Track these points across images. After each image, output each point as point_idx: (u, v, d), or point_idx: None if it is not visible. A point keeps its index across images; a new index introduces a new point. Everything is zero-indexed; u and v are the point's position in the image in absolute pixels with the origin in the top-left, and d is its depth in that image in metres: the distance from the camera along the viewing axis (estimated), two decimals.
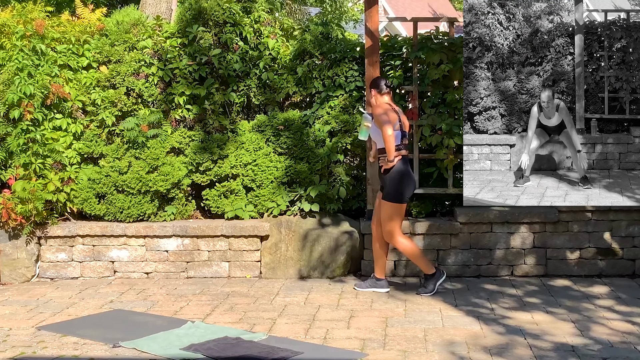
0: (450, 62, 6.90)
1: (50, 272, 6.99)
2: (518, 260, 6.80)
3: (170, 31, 7.37)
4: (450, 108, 7.04)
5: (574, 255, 6.79)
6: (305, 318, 5.55)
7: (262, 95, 7.32)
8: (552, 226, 6.78)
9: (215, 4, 7.21)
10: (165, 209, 7.12)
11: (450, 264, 6.81)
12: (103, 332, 5.24)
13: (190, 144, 7.18)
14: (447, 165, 7.00)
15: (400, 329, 5.24)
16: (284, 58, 7.28)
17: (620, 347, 4.78)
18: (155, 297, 6.26)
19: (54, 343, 5.02)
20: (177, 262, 6.95)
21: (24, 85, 6.80)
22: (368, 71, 6.83)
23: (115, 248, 6.97)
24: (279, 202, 7.01)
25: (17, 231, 6.89)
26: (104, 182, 7.02)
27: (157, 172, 7.02)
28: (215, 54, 7.13)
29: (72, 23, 7.45)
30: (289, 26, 7.61)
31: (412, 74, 7.06)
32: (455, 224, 6.82)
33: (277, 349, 4.78)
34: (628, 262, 6.78)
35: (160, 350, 4.83)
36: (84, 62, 7.24)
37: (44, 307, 5.97)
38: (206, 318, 5.59)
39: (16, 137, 6.84)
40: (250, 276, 6.91)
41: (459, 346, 4.84)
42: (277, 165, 7.09)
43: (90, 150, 7.16)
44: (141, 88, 7.16)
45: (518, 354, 4.67)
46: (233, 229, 6.86)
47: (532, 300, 5.98)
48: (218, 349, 4.81)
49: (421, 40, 7.05)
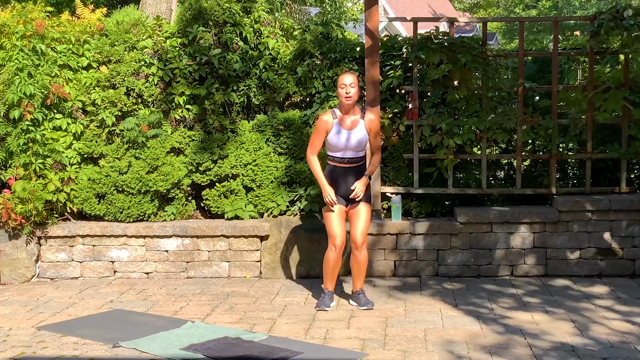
0: (450, 62, 6.89)
1: (50, 272, 6.99)
2: (518, 260, 6.80)
3: (170, 31, 7.37)
4: (450, 108, 7.04)
5: (574, 255, 6.79)
6: (305, 318, 5.55)
7: (262, 95, 7.32)
8: (552, 226, 6.78)
9: (215, 4, 7.22)
10: (165, 209, 7.12)
11: (450, 264, 6.81)
12: (103, 332, 5.25)
13: (190, 144, 7.18)
14: (447, 165, 7.00)
15: (400, 329, 5.25)
16: (284, 58, 7.28)
17: (620, 347, 4.78)
18: (155, 297, 6.26)
19: (54, 343, 5.02)
20: (177, 262, 6.95)
21: (24, 85, 6.80)
22: (368, 71, 6.83)
23: (115, 248, 6.98)
24: (279, 202, 7.02)
25: (17, 231, 6.89)
26: (104, 182, 7.02)
27: (157, 172, 7.02)
28: (215, 54, 7.13)
29: (72, 23, 7.45)
30: (289, 26, 7.61)
31: (412, 74, 7.06)
32: (455, 224, 6.82)
33: (277, 349, 4.79)
34: (628, 262, 6.77)
35: (160, 350, 4.83)
36: (84, 62, 7.24)
37: (44, 307, 5.97)
38: (206, 318, 5.59)
39: (16, 137, 6.84)
40: (250, 276, 6.91)
41: (459, 346, 4.85)
42: (277, 165, 7.09)
43: (90, 150, 7.16)
44: (141, 88, 7.16)
45: (518, 354, 4.68)
46: (233, 229, 6.86)
47: (532, 300, 5.98)
48: (218, 349, 4.81)
49: (421, 40, 7.05)
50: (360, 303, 5.83)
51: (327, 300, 5.84)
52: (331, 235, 5.79)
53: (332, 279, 5.90)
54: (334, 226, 5.77)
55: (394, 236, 6.80)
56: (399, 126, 7.06)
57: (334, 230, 5.77)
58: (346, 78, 5.69)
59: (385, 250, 6.82)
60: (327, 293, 5.90)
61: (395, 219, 6.84)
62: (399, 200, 6.85)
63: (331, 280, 5.90)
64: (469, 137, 6.89)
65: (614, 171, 7.22)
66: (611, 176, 7.31)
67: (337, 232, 5.76)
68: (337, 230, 5.76)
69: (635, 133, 6.92)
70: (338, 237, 5.76)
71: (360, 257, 5.83)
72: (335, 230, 5.76)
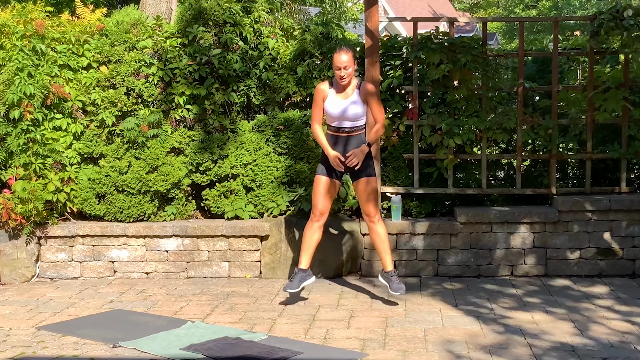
0: (450, 62, 6.90)
1: (50, 272, 6.99)
2: (518, 260, 6.80)
3: (170, 31, 7.37)
4: (450, 108, 7.04)
5: (574, 255, 6.79)
6: (305, 318, 5.55)
7: (262, 95, 7.32)
8: (552, 226, 6.78)
9: (215, 4, 7.22)
10: (165, 209, 7.12)
11: (450, 264, 6.81)
12: (103, 332, 5.25)
13: (190, 144, 7.19)
14: (447, 165, 7.00)
15: (400, 329, 5.25)
16: (284, 58, 7.28)
17: (620, 347, 4.78)
18: (155, 297, 6.26)
19: (54, 343, 5.02)
20: (177, 262, 6.95)
21: (24, 85, 6.80)
22: (368, 71, 6.83)
23: (115, 248, 6.98)
24: (279, 202, 7.02)
25: (17, 231, 6.89)
26: (104, 182, 7.02)
27: (157, 172, 7.02)
28: (215, 54, 7.13)
29: (72, 23, 7.45)
30: (289, 26, 7.61)
31: (412, 74, 7.06)
32: (455, 224, 6.82)
33: (277, 349, 4.79)
34: (628, 262, 6.78)
35: (160, 350, 4.83)
36: (84, 62, 7.24)
37: (44, 307, 5.97)
38: (206, 318, 5.59)
39: (16, 137, 6.84)
40: (250, 276, 6.91)
41: (459, 346, 4.85)
42: (277, 165, 7.10)
43: (90, 150, 7.16)
44: (141, 88, 7.16)
45: (517, 354, 4.67)
46: (233, 229, 6.86)
47: (532, 300, 5.98)
48: (218, 349, 4.81)
49: (421, 40, 7.05)
50: (391, 287, 5.82)
51: (294, 282, 5.84)
52: (312, 205, 5.94)
53: (305, 253, 5.91)
54: (316, 196, 5.89)
55: (394, 236, 6.80)
56: (399, 126, 7.06)
57: (315, 200, 5.90)
58: (341, 58, 5.70)
59: None
60: (297, 272, 5.89)
61: (395, 219, 6.85)
62: (399, 200, 6.85)
63: (305, 255, 5.91)
64: (469, 137, 6.89)
65: (614, 171, 7.23)
66: (611, 176, 7.31)
67: (317, 202, 5.89)
68: (319, 201, 5.88)
69: (635, 133, 6.92)
70: (317, 207, 5.88)
71: (378, 230, 5.87)
72: (316, 201, 5.89)
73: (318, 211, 5.89)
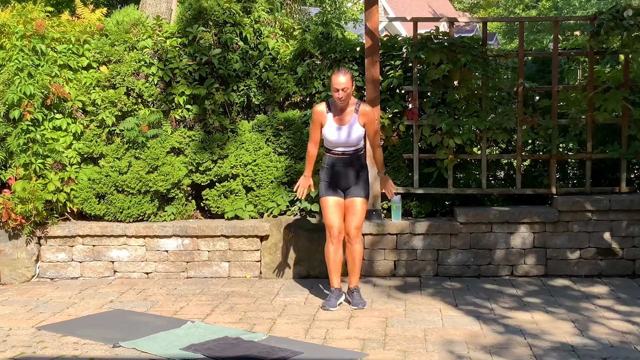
0: (450, 62, 6.89)
1: (50, 272, 6.99)
2: (518, 260, 6.80)
3: (170, 31, 7.37)
4: (450, 108, 7.04)
5: (574, 255, 6.79)
6: (305, 318, 5.55)
7: (262, 95, 7.32)
8: (552, 226, 6.78)
9: (215, 4, 7.22)
10: (165, 209, 7.12)
11: (450, 264, 6.81)
12: (103, 332, 5.25)
13: (190, 144, 7.18)
14: (447, 165, 7.00)
15: (400, 329, 5.25)
16: (284, 58, 7.28)
17: (620, 347, 4.78)
18: (155, 297, 6.26)
19: (54, 343, 5.02)
20: (177, 262, 6.95)
21: (24, 85, 6.80)
22: (368, 71, 6.83)
23: (115, 248, 6.98)
24: (279, 202, 7.02)
25: (17, 231, 6.89)
26: (104, 182, 7.02)
27: (157, 172, 7.02)
28: (215, 54, 7.13)
29: (72, 23, 7.45)
30: (289, 26, 7.61)
31: (412, 74, 7.06)
32: (455, 224, 6.82)
33: (277, 349, 4.79)
34: (628, 262, 6.77)
35: (160, 350, 4.83)
36: (84, 62, 7.24)
37: (44, 307, 5.97)
38: (206, 318, 5.59)
39: (16, 137, 6.84)
40: (250, 276, 6.91)
41: (459, 346, 4.85)
42: (277, 165, 7.10)
43: (90, 150, 7.16)
44: (141, 88, 7.16)
45: (518, 354, 4.68)
46: (233, 229, 6.86)
47: (532, 300, 5.98)
48: (218, 349, 4.81)
49: (421, 40, 7.05)
50: (352, 302, 5.82)
51: (332, 300, 5.80)
52: (328, 226, 5.81)
53: (336, 274, 5.86)
54: (330, 216, 5.79)
55: (394, 236, 6.80)
56: (399, 126, 7.06)
57: (331, 220, 5.78)
58: (339, 80, 5.61)
59: (385, 250, 6.82)
60: (333, 291, 5.86)
61: (395, 219, 6.85)
62: (399, 200, 6.85)
63: (335, 274, 5.86)
64: (469, 137, 6.89)
65: (614, 171, 7.22)
66: (611, 176, 7.31)
67: (333, 221, 5.77)
68: (334, 221, 5.77)
69: (635, 133, 6.92)
70: (335, 226, 5.77)
71: (353, 249, 5.83)
72: (332, 220, 5.78)
73: (336, 230, 5.78)
